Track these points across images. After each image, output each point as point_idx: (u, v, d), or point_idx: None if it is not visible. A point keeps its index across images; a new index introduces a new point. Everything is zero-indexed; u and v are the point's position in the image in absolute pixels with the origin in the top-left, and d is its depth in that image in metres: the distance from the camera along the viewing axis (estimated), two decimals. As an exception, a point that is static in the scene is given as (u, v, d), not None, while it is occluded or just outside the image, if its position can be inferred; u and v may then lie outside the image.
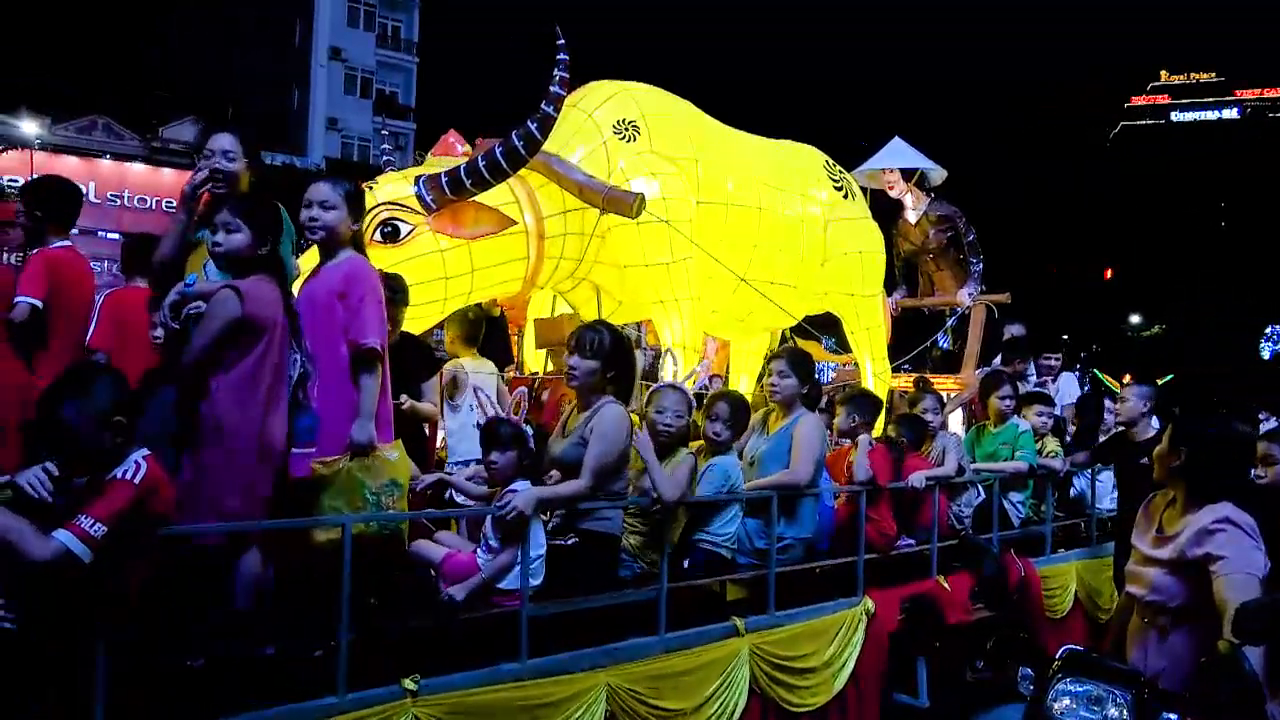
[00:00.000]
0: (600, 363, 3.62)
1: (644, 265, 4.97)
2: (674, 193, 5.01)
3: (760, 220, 5.58)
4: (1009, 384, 5.81)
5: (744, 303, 5.64)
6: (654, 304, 5.07)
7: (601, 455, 3.51)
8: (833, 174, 6.24)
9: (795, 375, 4.36)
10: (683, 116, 5.38)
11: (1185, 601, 2.77)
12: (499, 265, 4.68)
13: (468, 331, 4.94)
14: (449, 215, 4.44)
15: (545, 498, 3.40)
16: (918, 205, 7.60)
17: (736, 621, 4.04)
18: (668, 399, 3.93)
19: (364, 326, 3.03)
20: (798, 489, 4.26)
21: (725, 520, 4.13)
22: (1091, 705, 2.65)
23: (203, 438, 2.72)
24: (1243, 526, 2.71)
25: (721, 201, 5.37)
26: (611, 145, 5.03)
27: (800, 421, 4.32)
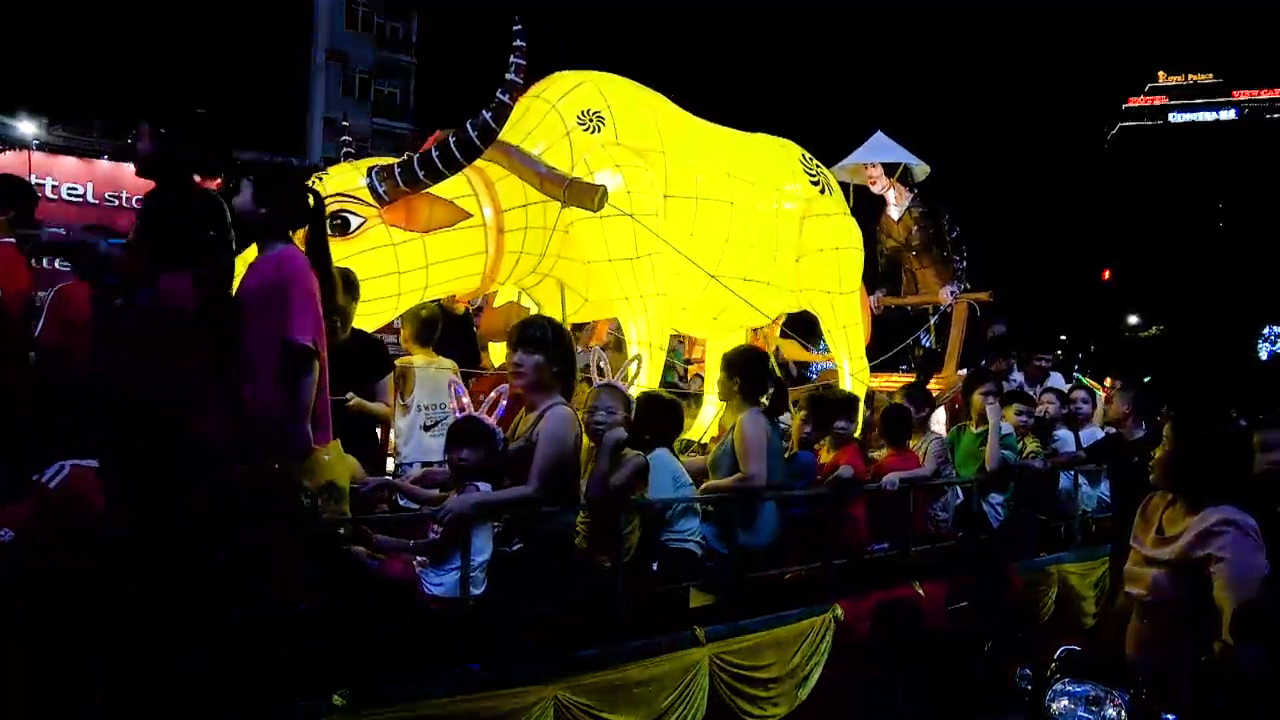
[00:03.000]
0: (545, 357, 3.47)
1: (608, 260, 4.81)
2: (640, 186, 4.85)
3: (732, 215, 5.42)
4: (990, 383, 5.66)
5: (716, 300, 5.48)
6: (618, 301, 4.92)
7: (549, 458, 3.35)
8: (809, 168, 6.08)
9: (737, 375, 4.23)
10: (650, 107, 5.22)
11: (1185, 602, 2.78)
12: (456, 260, 4.52)
13: (421, 329, 4.79)
14: (402, 208, 4.29)
15: (485, 502, 3.25)
16: (900, 201, 7.45)
17: (697, 630, 3.90)
18: (602, 398, 3.78)
19: (295, 322, 2.88)
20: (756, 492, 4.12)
21: (684, 519, 3.98)
22: (1090, 706, 2.65)
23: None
24: (1244, 528, 2.71)
25: (691, 195, 5.21)
26: (575, 137, 4.87)
27: (738, 421, 4.18)
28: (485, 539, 3.28)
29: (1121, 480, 6.11)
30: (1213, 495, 2.81)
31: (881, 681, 4.74)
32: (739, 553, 4.20)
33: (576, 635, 3.49)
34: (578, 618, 3.52)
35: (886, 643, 4.73)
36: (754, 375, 4.33)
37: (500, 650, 3.23)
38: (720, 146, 5.59)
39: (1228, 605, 2.63)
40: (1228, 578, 2.66)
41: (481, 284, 4.71)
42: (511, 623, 3.33)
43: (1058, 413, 6.26)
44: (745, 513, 4.20)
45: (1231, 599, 2.62)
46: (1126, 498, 6.00)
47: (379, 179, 4.25)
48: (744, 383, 4.28)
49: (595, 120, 4.92)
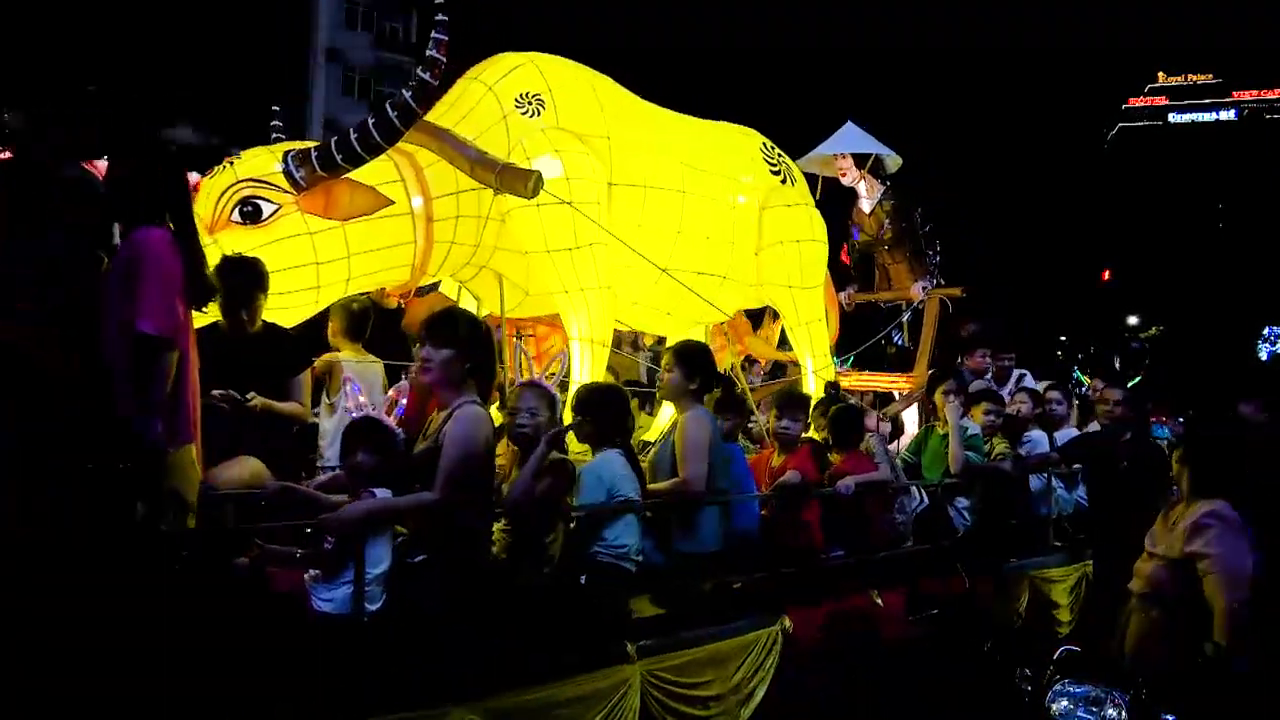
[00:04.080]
0: (456, 351, 3.21)
1: (546, 251, 4.55)
2: (580, 172, 4.59)
3: (683, 205, 5.16)
4: (952, 381, 5.41)
5: (668, 295, 5.22)
6: (558, 294, 4.66)
7: (455, 462, 3.09)
8: (770, 157, 5.82)
9: (681, 369, 3.96)
10: (595, 90, 4.96)
11: (1178, 597, 2.87)
12: (381, 250, 4.26)
13: (350, 323, 4.54)
14: (321, 194, 4.03)
15: (377, 510, 2.99)
16: (872, 194, 7.18)
17: (627, 645, 3.64)
18: (525, 397, 3.53)
19: (143, 309, 2.63)
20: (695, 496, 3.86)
21: (618, 530, 3.72)
22: (1090, 706, 2.68)
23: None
24: (1230, 522, 2.79)
25: (638, 183, 4.95)
26: (513, 120, 4.61)
27: (681, 420, 3.92)
28: (383, 550, 3.03)
29: (1104, 483, 5.86)
30: (1204, 491, 2.91)
31: (835, 697, 4.49)
32: (678, 561, 3.95)
33: (490, 653, 3.23)
34: (491, 634, 3.27)
35: (840, 655, 4.48)
36: (699, 371, 4.07)
37: (400, 671, 2.98)
38: (672, 133, 5.33)
39: (1218, 603, 2.69)
40: (1217, 575, 2.72)
41: (412, 276, 4.45)
42: (412, 640, 3.07)
43: (1030, 413, 6.00)
44: (683, 519, 3.94)
45: (1222, 596, 2.68)
46: (1110, 501, 5.75)
47: (295, 164, 3.99)
48: (689, 379, 4.01)
49: (535, 103, 4.66)
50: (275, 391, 3.83)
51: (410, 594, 3.09)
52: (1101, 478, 5.96)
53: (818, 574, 4.54)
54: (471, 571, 3.21)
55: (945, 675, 4.91)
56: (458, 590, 3.15)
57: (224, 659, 2.58)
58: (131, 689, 2.32)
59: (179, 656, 2.49)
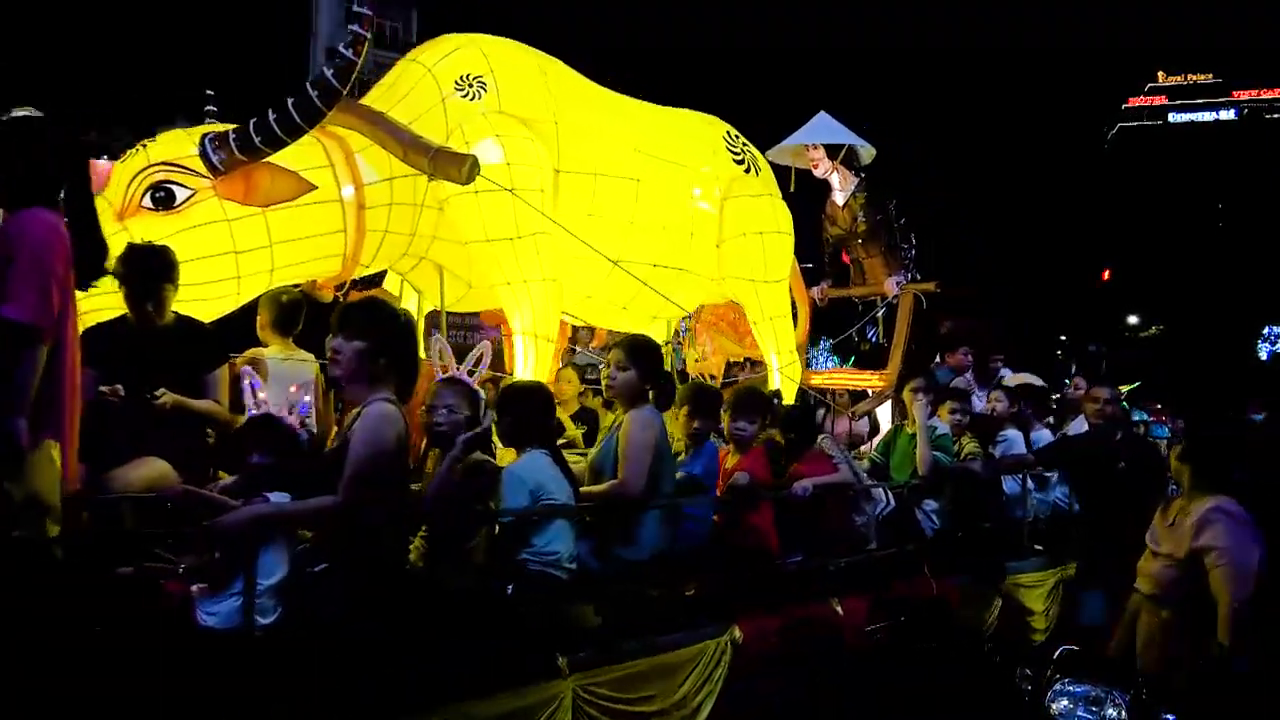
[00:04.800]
0: (368, 344, 2.99)
1: (485, 241, 4.33)
2: (523, 158, 4.37)
3: (638, 194, 4.93)
4: (921, 379, 5.18)
5: (623, 288, 5.00)
6: (499, 286, 4.43)
7: (360, 463, 2.86)
8: (733, 146, 5.59)
9: (635, 367, 3.72)
10: (542, 74, 4.73)
11: (1186, 596, 2.86)
12: (307, 239, 4.04)
13: (280, 316, 4.31)
14: (240, 179, 3.81)
15: (267, 515, 2.77)
16: (845, 186, 6.94)
17: (559, 659, 3.42)
18: (443, 394, 3.31)
19: (12, 292, 2.41)
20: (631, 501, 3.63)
21: (548, 535, 3.49)
22: (1090, 706, 2.67)
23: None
24: (1236, 517, 2.79)
25: (588, 171, 4.73)
26: (452, 104, 4.39)
27: (625, 419, 3.69)
28: (276, 559, 2.80)
29: (1097, 484, 5.62)
30: (1207, 488, 2.92)
31: (789, 709, 4.27)
32: (616, 568, 3.73)
33: (400, 669, 3.01)
34: (402, 648, 3.04)
35: (795, 665, 4.26)
36: (650, 368, 3.84)
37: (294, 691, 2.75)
38: (627, 119, 5.10)
39: (1224, 597, 2.68)
40: (1224, 568, 2.72)
41: (344, 266, 4.23)
42: (310, 657, 2.84)
43: (1005, 412, 5.78)
44: (621, 524, 3.72)
45: (1227, 589, 2.68)
46: (1106, 502, 5.50)
47: (213, 147, 3.77)
48: (639, 376, 3.77)
49: (476, 86, 4.44)
50: (188, 388, 3.60)
51: (310, 606, 2.88)
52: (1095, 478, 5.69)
53: (771, 580, 4.31)
54: (380, 581, 2.99)
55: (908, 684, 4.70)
56: (363, 601, 2.92)
57: (91, 678, 2.36)
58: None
59: (35, 675, 2.28)
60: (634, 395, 3.75)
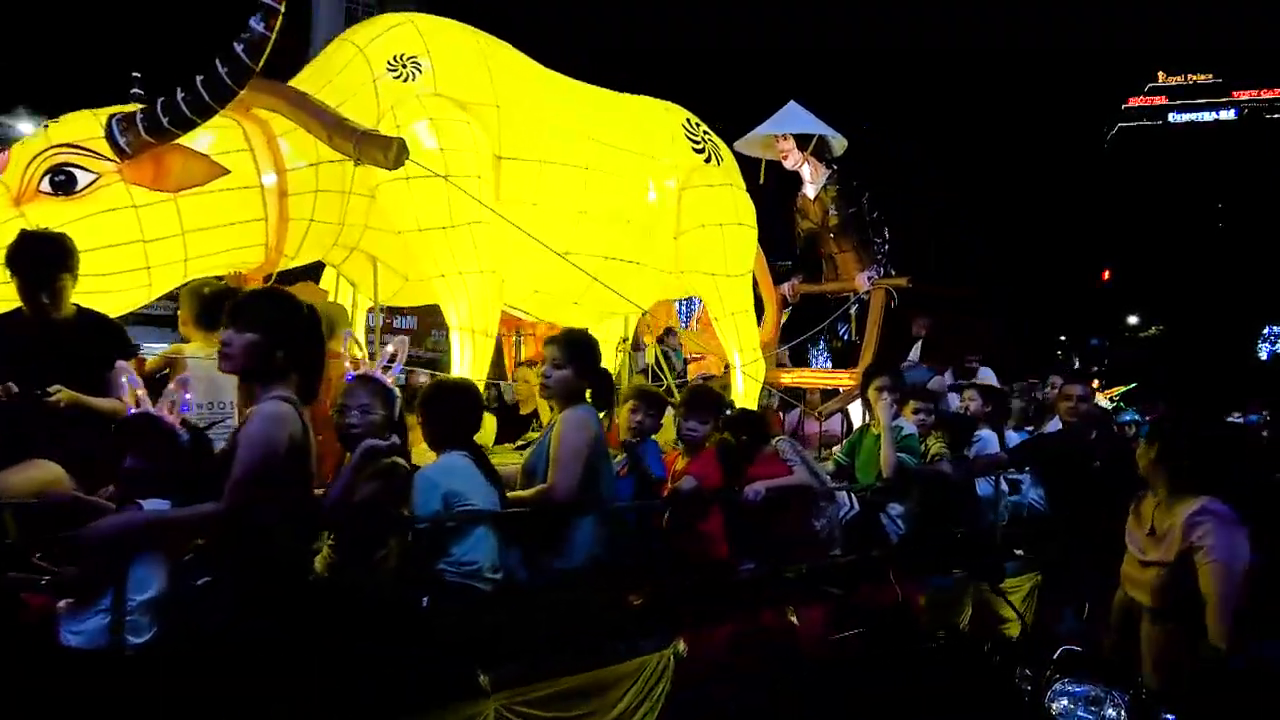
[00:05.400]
0: (261, 336, 2.75)
1: (418, 230, 4.10)
2: (458, 143, 4.13)
3: (588, 183, 4.70)
4: (886, 377, 4.94)
5: (574, 282, 4.76)
6: (434, 279, 4.20)
7: (247, 467, 2.63)
8: (693, 134, 5.36)
9: (572, 365, 3.49)
10: (484, 55, 4.49)
11: (1185, 600, 2.82)
12: (224, 227, 3.81)
13: (202, 310, 4.07)
14: (149, 163, 3.57)
15: (137, 524, 2.54)
16: (816, 178, 6.70)
17: (480, 676, 3.19)
18: (356, 393, 3.08)
19: None
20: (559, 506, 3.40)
21: (467, 544, 3.26)
22: (1089, 706, 2.67)
23: None
24: (1223, 516, 2.77)
25: (533, 158, 4.49)
26: (384, 85, 4.16)
27: (558, 419, 3.46)
28: (150, 571, 2.57)
29: (1071, 483, 5.38)
30: (1197, 489, 2.88)
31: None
32: (546, 579, 3.50)
33: (298, 690, 2.77)
34: (298, 668, 2.80)
35: (745, 679, 4.03)
36: (588, 365, 3.60)
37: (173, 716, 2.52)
38: (578, 105, 4.87)
39: (1212, 595, 2.67)
40: (1213, 566, 2.70)
41: (267, 257, 3.99)
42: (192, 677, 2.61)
43: (980, 410, 5.54)
44: (551, 531, 3.48)
45: (1216, 589, 2.67)
46: (1081, 501, 5.27)
47: (120, 128, 3.54)
48: (576, 374, 3.54)
49: (410, 66, 4.20)
50: (89, 386, 3.36)
51: (192, 622, 2.65)
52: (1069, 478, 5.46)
53: (720, 589, 4.07)
54: (273, 591, 2.75)
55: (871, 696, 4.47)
56: (254, 613, 2.69)
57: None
58: None
59: None
60: (570, 394, 3.51)
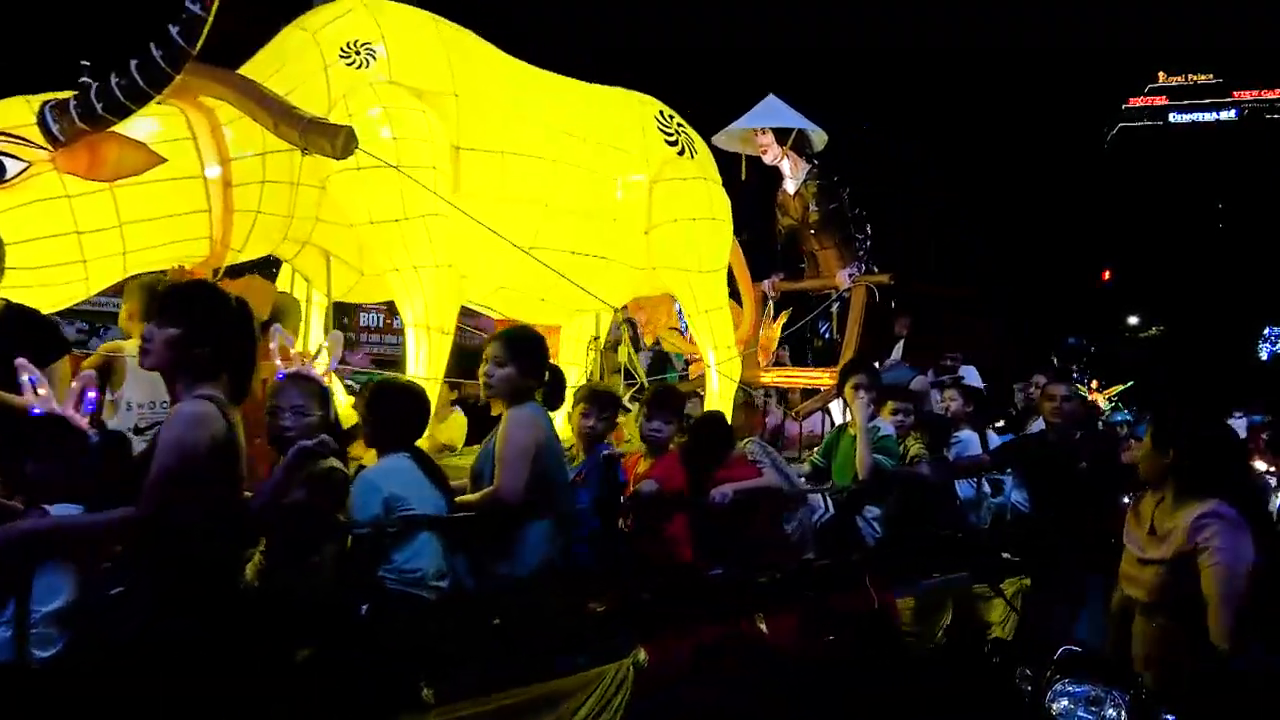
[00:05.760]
0: (183, 332, 2.60)
1: (369, 223, 3.95)
2: (412, 132, 3.99)
3: (553, 175, 4.55)
4: (863, 374, 4.79)
5: (540, 278, 4.60)
6: (388, 273, 4.05)
7: (165, 471, 2.48)
8: (665, 126, 5.21)
9: (515, 363, 3.34)
10: (443, 42, 4.34)
11: (1183, 599, 2.82)
12: (165, 219, 3.66)
13: (148, 306, 3.92)
14: (84, 151, 3.42)
15: (43, 531, 2.39)
16: (796, 173, 6.55)
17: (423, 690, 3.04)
18: (288, 393, 2.93)
19: None
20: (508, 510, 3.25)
21: (410, 551, 3.11)
22: (1090, 706, 2.65)
23: None
24: (1231, 520, 2.76)
25: (494, 149, 4.34)
26: (335, 72, 4.00)
27: (504, 418, 3.31)
28: (57, 581, 2.42)
29: (1055, 485, 5.20)
30: (1203, 491, 2.86)
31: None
32: (495, 586, 3.35)
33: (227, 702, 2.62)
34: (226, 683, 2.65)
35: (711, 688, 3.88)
36: (532, 362, 3.45)
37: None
38: (544, 95, 4.72)
39: (1215, 597, 2.68)
40: (1216, 568, 2.70)
41: (212, 250, 3.84)
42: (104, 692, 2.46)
43: (961, 410, 5.39)
44: (499, 536, 3.33)
45: (1220, 590, 2.67)
46: (1066, 504, 5.10)
47: (53, 115, 3.38)
48: (519, 372, 3.38)
49: (364, 54, 4.05)
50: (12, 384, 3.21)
51: (105, 631, 2.50)
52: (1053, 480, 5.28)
53: (684, 596, 3.92)
54: (190, 598, 2.60)
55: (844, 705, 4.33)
56: (169, 621, 2.54)
57: None
58: None
59: None
60: (515, 393, 3.36)
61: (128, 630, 2.50)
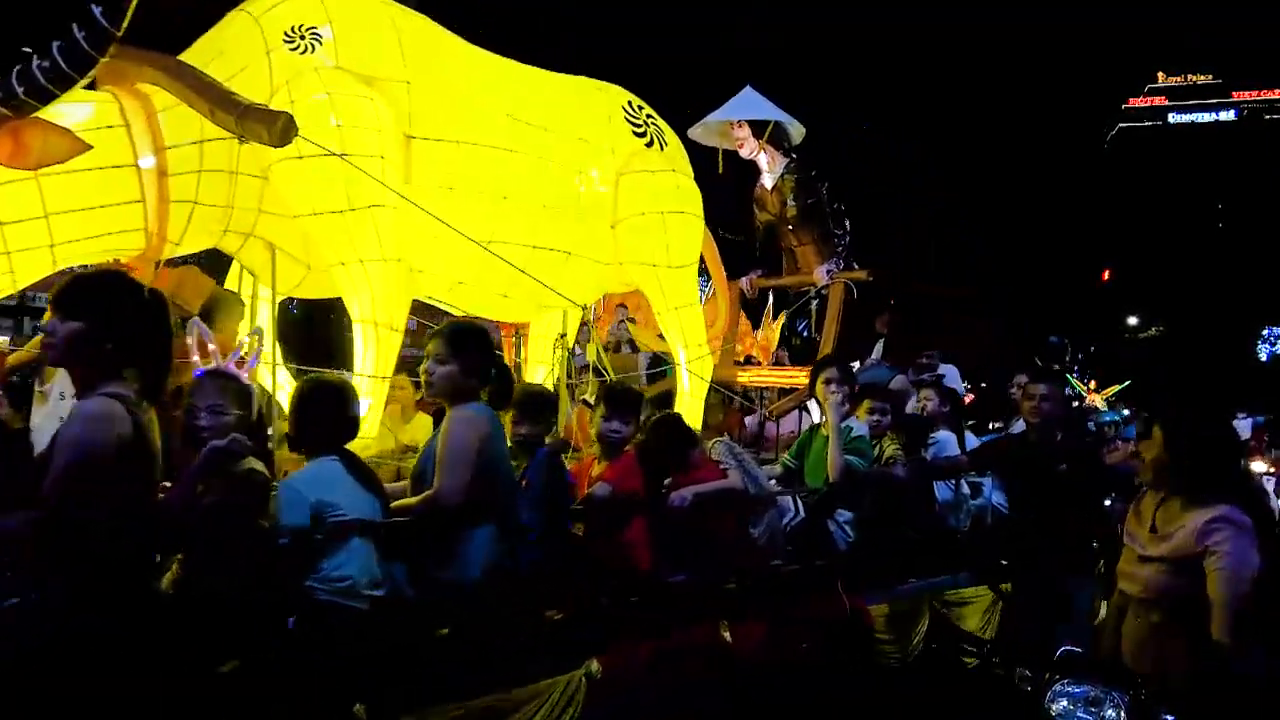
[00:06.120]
0: (86, 325, 2.44)
1: (312, 214, 3.79)
2: (358, 120, 3.82)
3: (512, 166, 4.39)
4: (835, 369, 4.62)
5: (500, 273, 4.44)
6: (334, 267, 3.89)
7: (62, 473, 2.32)
8: (633, 117, 5.05)
9: (457, 360, 3.17)
10: (395, 27, 4.18)
11: (1181, 598, 2.80)
12: (96, 210, 3.50)
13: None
14: (6, 138, 3.25)
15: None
16: (774, 167, 6.38)
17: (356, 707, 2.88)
18: (205, 390, 2.77)
19: None
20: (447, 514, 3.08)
21: (339, 559, 2.95)
22: (1089, 706, 2.66)
23: None
24: (1241, 524, 2.74)
25: (449, 138, 4.18)
26: (278, 57, 3.84)
27: (447, 418, 3.15)
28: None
29: (1034, 488, 5.00)
30: (1211, 493, 2.83)
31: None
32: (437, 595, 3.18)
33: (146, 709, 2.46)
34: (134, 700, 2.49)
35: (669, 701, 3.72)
36: (475, 358, 3.28)
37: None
38: (504, 83, 4.55)
39: (1220, 599, 2.67)
40: (1223, 571, 2.68)
41: (149, 243, 3.68)
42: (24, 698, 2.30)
43: (936, 410, 5.22)
44: (439, 542, 3.16)
45: (1225, 593, 2.66)
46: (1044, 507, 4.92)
47: (-27, 101, 3.23)
48: (462, 370, 3.22)
49: (309, 38, 3.89)
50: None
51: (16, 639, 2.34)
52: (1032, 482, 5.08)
53: (642, 604, 3.76)
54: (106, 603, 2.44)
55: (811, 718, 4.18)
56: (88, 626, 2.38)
57: None
58: None
59: None
60: (457, 392, 3.19)
61: (41, 633, 2.35)
